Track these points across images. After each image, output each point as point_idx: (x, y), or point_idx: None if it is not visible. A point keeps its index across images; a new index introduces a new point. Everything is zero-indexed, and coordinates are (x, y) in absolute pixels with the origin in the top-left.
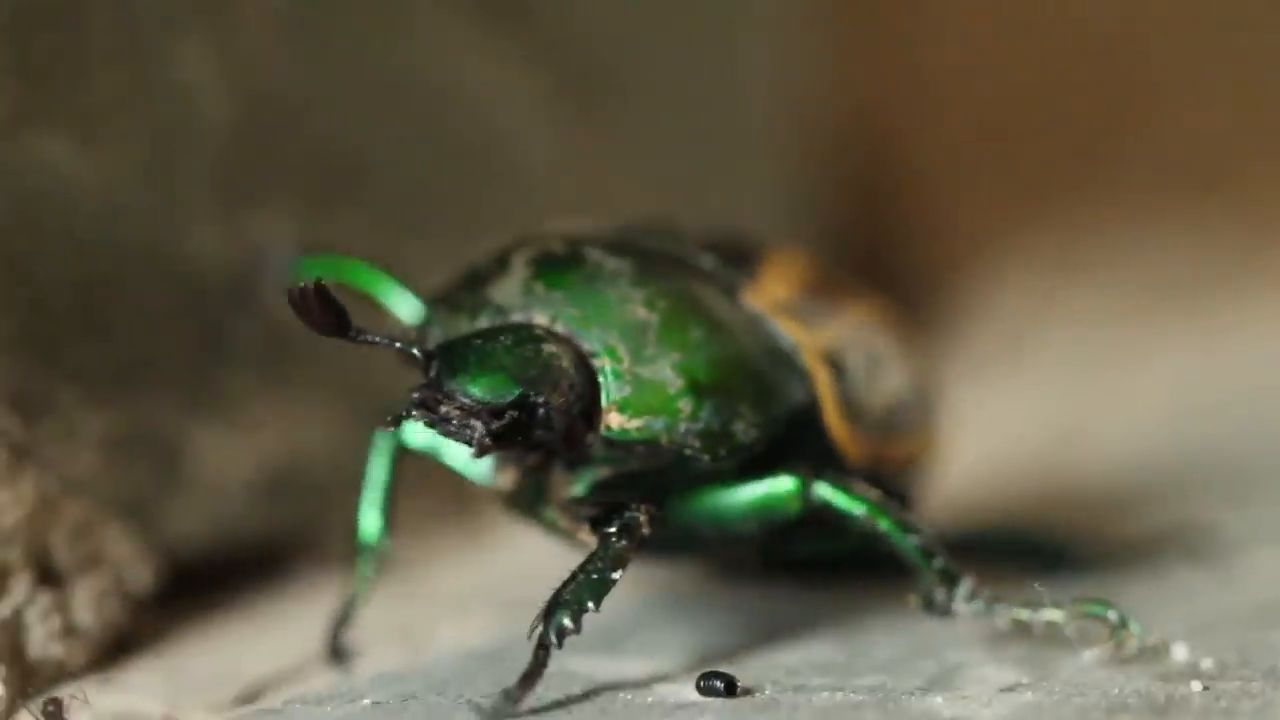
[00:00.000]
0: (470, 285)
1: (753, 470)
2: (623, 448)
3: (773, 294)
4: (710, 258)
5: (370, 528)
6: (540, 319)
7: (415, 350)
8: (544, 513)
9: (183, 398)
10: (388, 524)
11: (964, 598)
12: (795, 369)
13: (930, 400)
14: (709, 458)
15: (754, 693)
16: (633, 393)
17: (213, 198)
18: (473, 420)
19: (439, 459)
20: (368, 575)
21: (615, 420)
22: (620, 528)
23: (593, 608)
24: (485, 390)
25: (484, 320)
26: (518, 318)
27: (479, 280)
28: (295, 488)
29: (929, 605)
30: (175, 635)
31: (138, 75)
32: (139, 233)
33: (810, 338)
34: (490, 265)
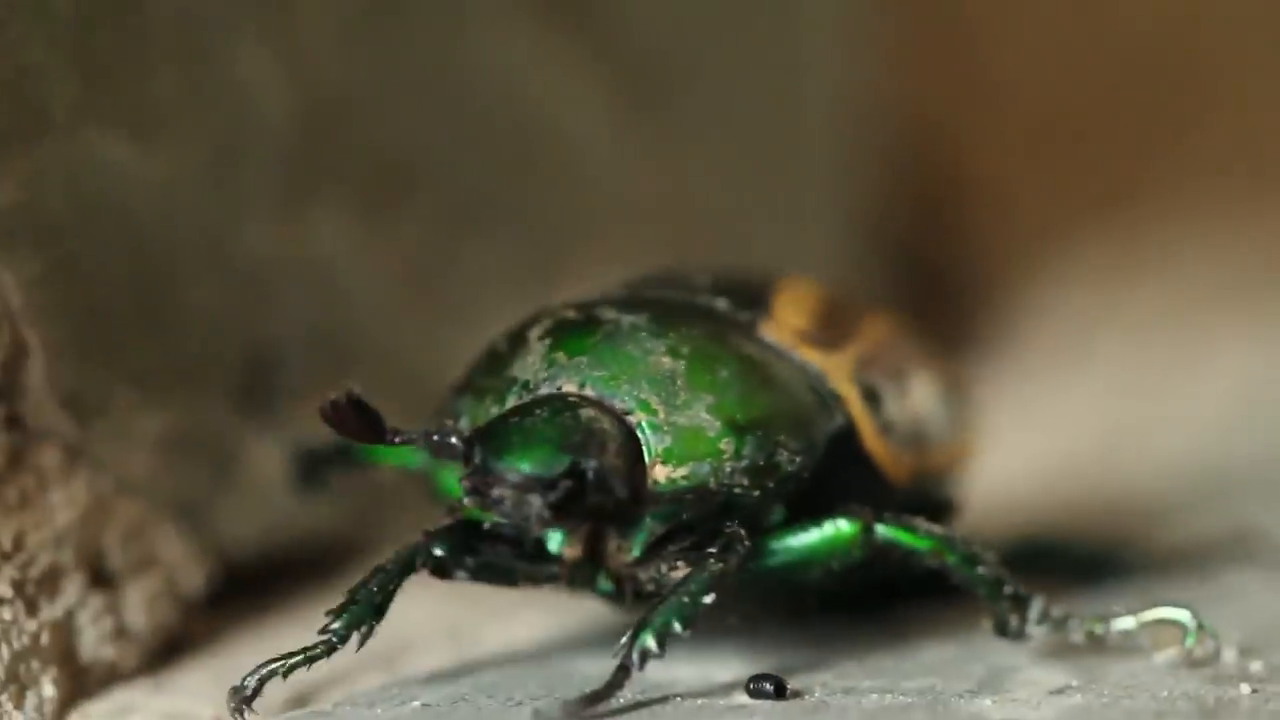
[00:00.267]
0: (490, 368)
1: (805, 513)
2: (673, 499)
3: (790, 326)
4: (722, 300)
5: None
6: (569, 387)
7: (454, 439)
8: (602, 583)
9: (237, 399)
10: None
11: (1036, 620)
12: (826, 394)
13: (960, 406)
14: (759, 493)
15: (803, 695)
16: (674, 443)
17: (271, 198)
18: (528, 497)
19: (506, 574)
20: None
21: (661, 473)
22: (721, 547)
23: (680, 630)
24: (535, 465)
25: (512, 399)
26: (546, 390)
27: (499, 361)
28: (347, 489)
29: (1002, 630)
30: (227, 637)
31: (198, 75)
32: (196, 233)
33: (834, 362)
34: (507, 345)
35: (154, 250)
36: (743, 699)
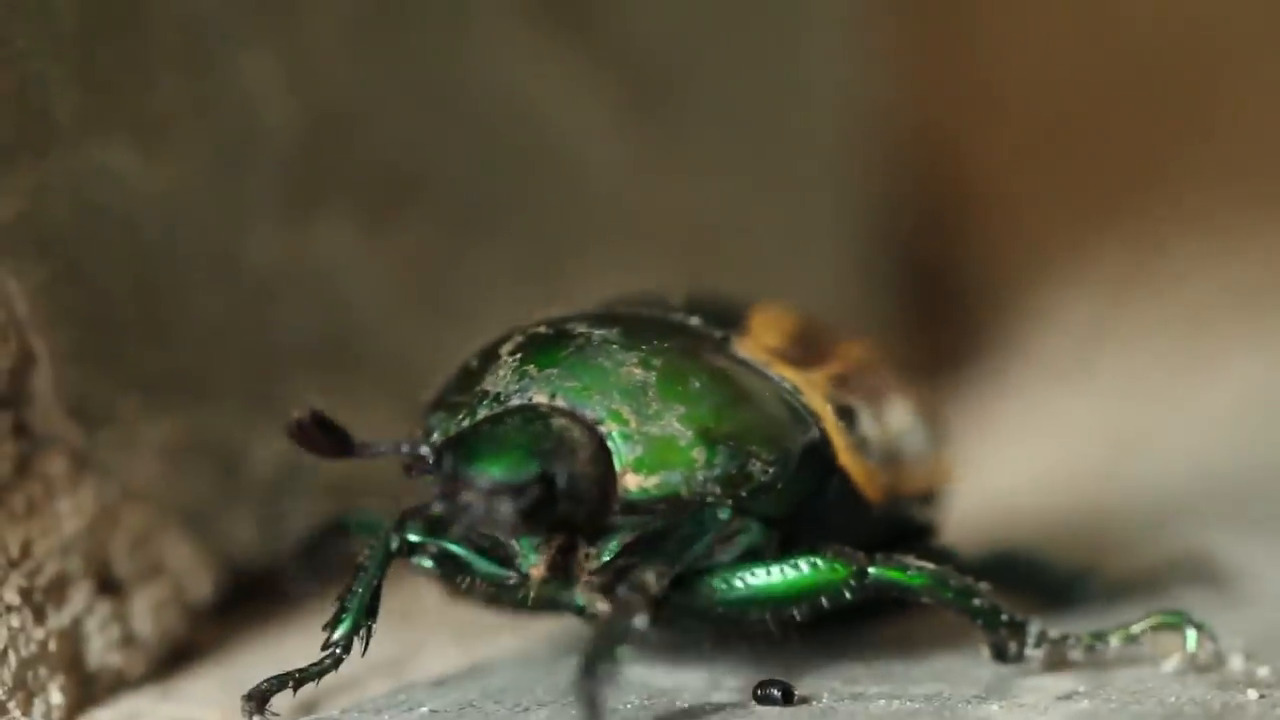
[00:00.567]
0: (462, 384)
1: (792, 542)
2: (644, 508)
3: (765, 343)
4: (696, 318)
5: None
6: (540, 398)
7: (423, 450)
8: (575, 595)
9: (243, 406)
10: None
11: (1034, 644)
12: (799, 407)
13: (936, 431)
14: (732, 502)
15: (811, 701)
16: (645, 452)
17: (275, 207)
18: (497, 503)
19: (467, 571)
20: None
21: (632, 481)
22: (631, 587)
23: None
24: (505, 471)
25: (483, 412)
26: (516, 402)
27: (470, 377)
28: (355, 496)
29: (1001, 656)
30: (234, 644)
31: (202, 84)
32: (201, 241)
33: (808, 379)
34: (478, 361)
35: (159, 258)
36: (751, 704)
